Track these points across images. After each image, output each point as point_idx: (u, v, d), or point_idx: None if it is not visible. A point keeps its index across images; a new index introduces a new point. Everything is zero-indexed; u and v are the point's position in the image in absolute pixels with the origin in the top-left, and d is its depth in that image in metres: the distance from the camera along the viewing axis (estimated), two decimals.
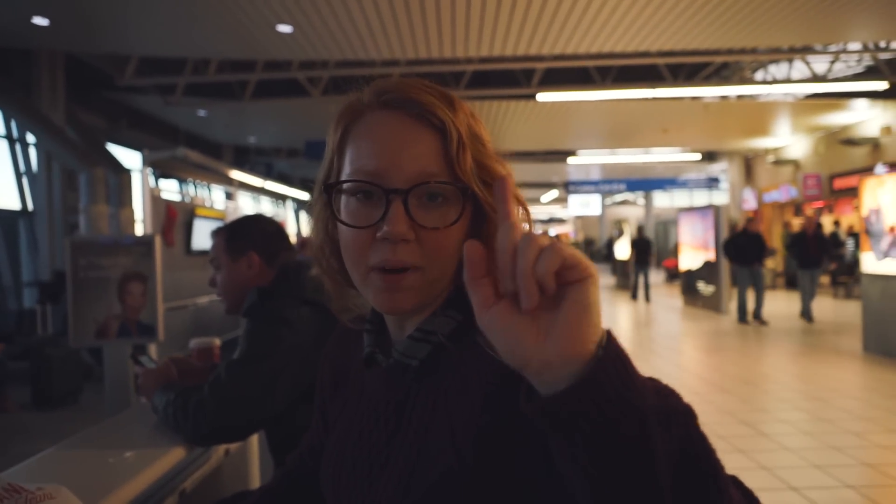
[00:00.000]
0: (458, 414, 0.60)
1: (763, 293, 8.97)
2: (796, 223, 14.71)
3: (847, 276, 11.98)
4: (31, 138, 8.87)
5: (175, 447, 1.33)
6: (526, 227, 0.64)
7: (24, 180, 9.07)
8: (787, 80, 11.27)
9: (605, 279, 18.94)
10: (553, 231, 19.32)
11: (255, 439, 2.03)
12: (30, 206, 8.96)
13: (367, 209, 0.63)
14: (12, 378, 5.60)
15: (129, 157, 12.05)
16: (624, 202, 28.54)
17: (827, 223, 13.86)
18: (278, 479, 0.95)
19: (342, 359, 0.84)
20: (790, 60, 11.09)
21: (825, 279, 12.10)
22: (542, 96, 10.42)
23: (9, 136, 8.98)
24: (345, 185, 0.65)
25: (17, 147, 9.07)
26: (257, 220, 1.73)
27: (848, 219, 14.26)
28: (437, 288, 0.66)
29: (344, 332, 0.85)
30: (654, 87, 10.29)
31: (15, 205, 8.94)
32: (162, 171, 12.03)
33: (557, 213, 32.88)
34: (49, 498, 0.91)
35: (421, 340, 0.66)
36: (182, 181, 13.47)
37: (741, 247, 9.09)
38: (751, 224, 9.34)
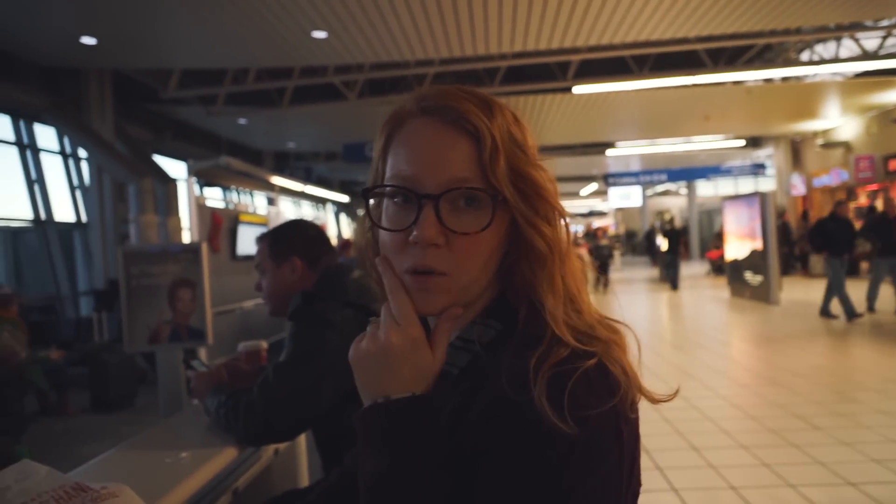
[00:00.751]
0: (466, 419, 0.61)
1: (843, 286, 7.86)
2: (851, 208, 14.13)
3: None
4: (82, 153, 9.25)
5: (228, 447, 1.37)
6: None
7: (78, 193, 9.47)
8: (836, 60, 10.81)
9: (646, 271, 18.59)
10: (596, 223, 19.06)
11: (302, 439, 2.07)
12: (83, 218, 9.35)
13: (403, 213, 0.65)
14: (72, 383, 5.86)
15: (174, 168, 12.45)
16: (666, 192, 27.92)
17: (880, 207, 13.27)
18: (336, 478, 0.96)
19: None
20: (838, 39, 10.65)
21: None
22: (579, 89, 10.29)
23: (62, 152, 9.38)
24: (386, 190, 0.67)
25: (70, 162, 9.47)
26: (299, 226, 1.77)
27: None
28: (471, 292, 0.66)
29: None
30: (693, 73, 10.04)
31: (70, 217, 9.35)
32: (206, 179, 12.39)
33: (598, 206, 32.40)
34: (113, 496, 0.96)
35: (461, 349, 0.67)
36: (226, 188, 13.84)
37: (830, 234, 8.05)
38: (840, 208, 8.35)
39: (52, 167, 9.74)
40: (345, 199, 15.32)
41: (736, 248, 11.46)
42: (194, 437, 1.47)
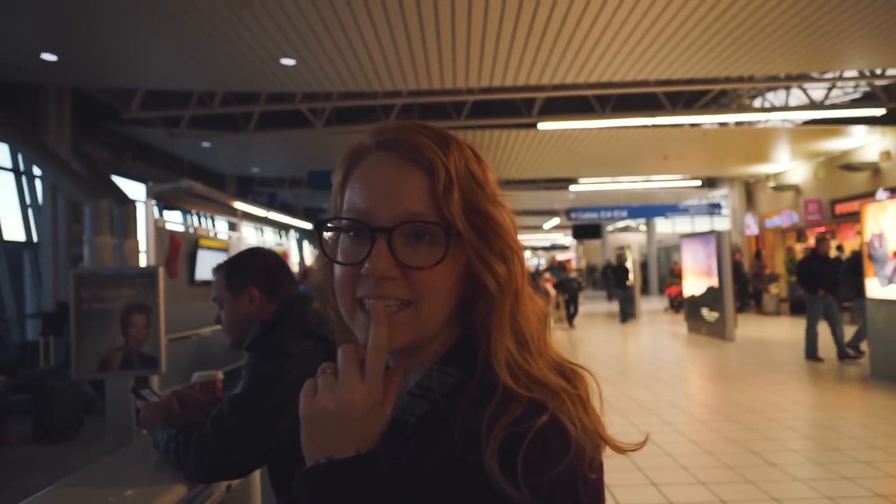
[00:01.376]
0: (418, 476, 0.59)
1: (840, 324, 7.72)
2: (799, 249, 14.69)
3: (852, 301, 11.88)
4: (37, 171, 8.97)
5: (176, 485, 1.31)
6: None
7: (30, 212, 9.14)
8: (785, 107, 11.38)
9: (605, 305, 18.86)
10: (559, 256, 19.30)
11: (257, 475, 2.00)
12: (35, 238, 9.02)
13: (357, 247, 0.63)
14: (14, 411, 5.56)
15: (133, 189, 12.15)
16: (626, 228, 28.59)
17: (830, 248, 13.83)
18: None
19: None
20: (787, 88, 11.22)
21: None
22: (543, 125, 10.54)
23: (15, 169, 9.08)
24: (341, 223, 0.66)
25: (24, 179, 9.16)
26: (257, 255, 1.73)
27: (850, 244, 14.25)
28: (428, 329, 0.64)
29: None
30: (653, 115, 10.41)
31: (20, 236, 9.00)
32: (166, 202, 12.14)
33: (560, 240, 32.93)
34: None
35: (419, 397, 0.65)
36: (186, 212, 13.56)
37: (815, 272, 7.82)
38: (821, 245, 8.07)
39: (4, 184, 9.41)
40: (308, 226, 15.19)
41: (693, 284, 11.74)
42: (142, 473, 1.40)
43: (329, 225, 0.68)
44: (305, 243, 19.39)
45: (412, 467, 0.60)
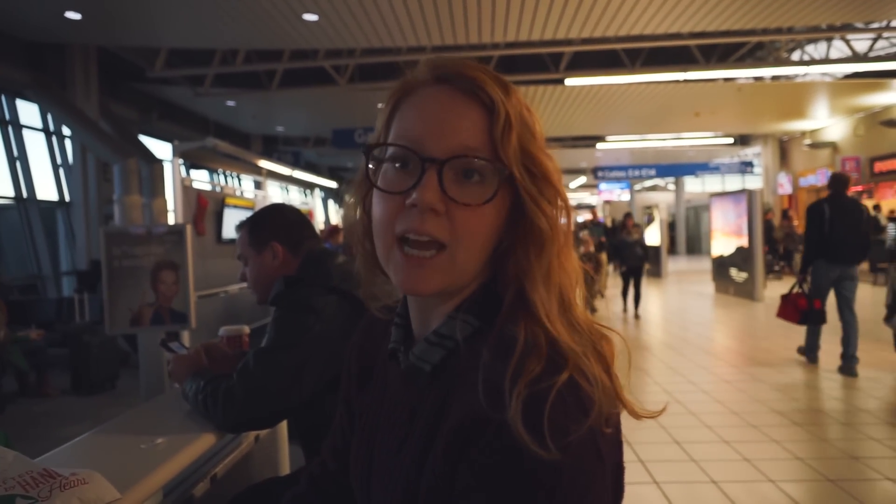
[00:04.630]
0: (443, 427, 0.59)
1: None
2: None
3: (888, 261, 11.59)
4: (66, 131, 9.08)
5: (206, 433, 1.34)
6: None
7: (62, 172, 9.30)
8: (826, 60, 10.91)
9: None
10: (580, 217, 19.11)
11: (284, 425, 2.05)
12: (67, 198, 9.20)
13: (403, 177, 0.62)
14: (53, 364, 5.78)
15: (160, 149, 12.27)
16: (654, 187, 28.08)
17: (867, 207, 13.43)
18: (304, 486, 0.94)
19: (370, 350, 0.82)
20: (829, 39, 10.72)
21: (865, 266, 11.71)
22: (571, 81, 10.28)
23: (45, 129, 9.21)
24: (387, 152, 0.64)
25: (54, 140, 9.29)
26: (277, 210, 1.73)
27: (889, 203, 13.80)
28: (462, 276, 0.63)
29: (372, 323, 0.83)
30: (685, 69, 10.05)
31: (53, 196, 9.19)
32: (192, 161, 12.26)
33: (586, 200, 32.52)
34: (82, 483, 0.93)
35: (436, 344, 0.65)
36: (212, 171, 13.69)
37: None
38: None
39: (35, 145, 9.57)
40: (333, 184, 15.23)
41: (722, 244, 11.54)
42: (172, 422, 1.43)
43: (375, 152, 0.65)
44: (331, 202, 19.48)
45: (434, 418, 0.60)
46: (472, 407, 0.55)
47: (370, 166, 0.66)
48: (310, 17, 7.31)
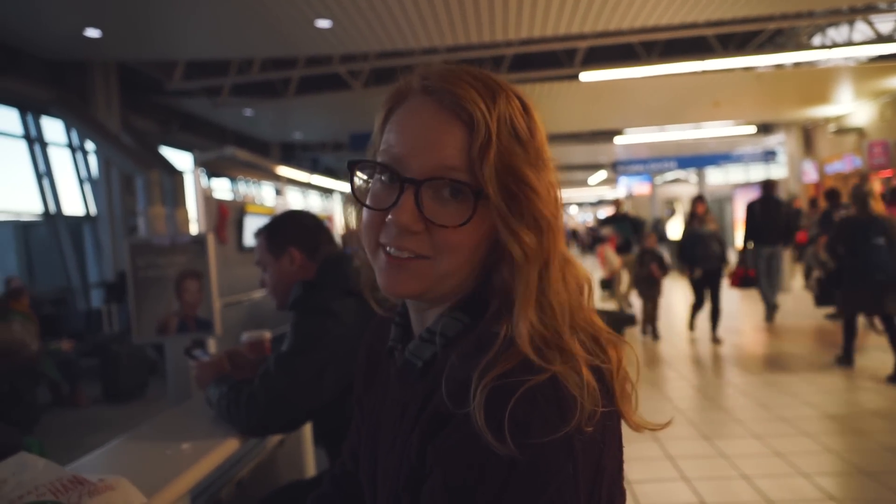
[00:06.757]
0: (422, 418, 0.59)
1: None
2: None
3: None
4: (90, 146, 9.26)
5: (230, 438, 1.36)
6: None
7: (86, 186, 9.50)
8: (849, 44, 10.62)
9: None
10: (602, 213, 18.86)
11: (307, 428, 2.06)
12: (92, 211, 9.38)
13: (388, 191, 0.62)
14: (84, 374, 5.90)
15: (181, 159, 12.46)
16: (675, 180, 27.71)
17: None
18: (327, 486, 0.95)
19: (377, 349, 0.83)
20: (851, 22, 10.46)
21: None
22: (586, 76, 10.18)
23: (70, 145, 9.41)
24: (369, 165, 0.65)
25: (78, 155, 9.49)
26: (294, 216, 1.75)
27: None
28: (449, 283, 0.63)
29: (380, 322, 0.84)
30: (703, 59, 9.89)
31: (79, 210, 9.38)
32: (213, 170, 12.39)
33: (607, 195, 32.21)
34: (110, 489, 0.95)
35: (427, 341, 0.65)
36: (232, 180, 13.84)
37: None
38: None
39: (60, 160, 9.77)
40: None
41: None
42: (198, 428, 1.45)
43: (360, 166, 0.67)
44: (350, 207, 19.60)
45: (418, 412, 0.60)
46: (438, 403, 0.57)
47: (364, 176, 0.68)
48: (323, 23, 7.36)
